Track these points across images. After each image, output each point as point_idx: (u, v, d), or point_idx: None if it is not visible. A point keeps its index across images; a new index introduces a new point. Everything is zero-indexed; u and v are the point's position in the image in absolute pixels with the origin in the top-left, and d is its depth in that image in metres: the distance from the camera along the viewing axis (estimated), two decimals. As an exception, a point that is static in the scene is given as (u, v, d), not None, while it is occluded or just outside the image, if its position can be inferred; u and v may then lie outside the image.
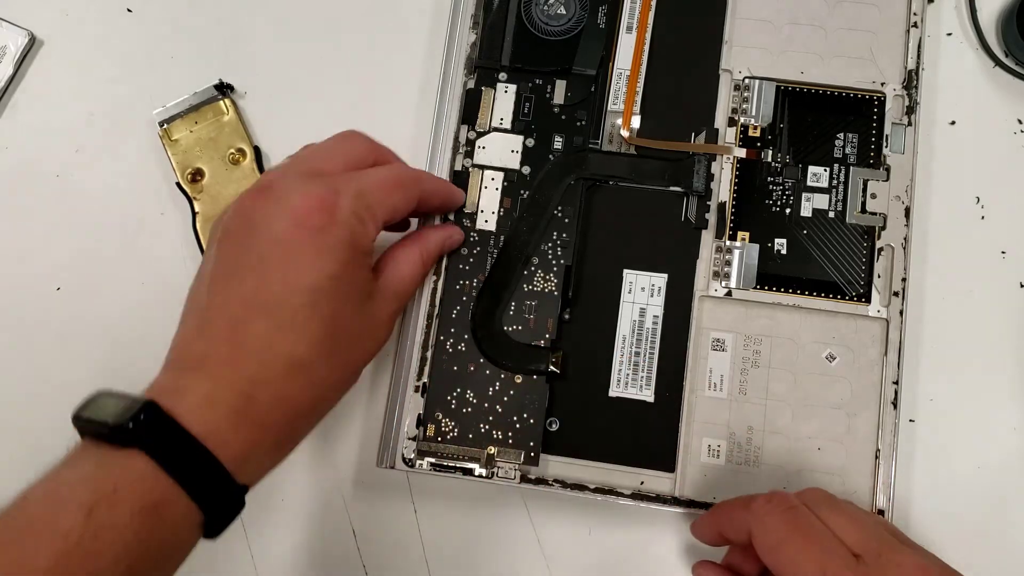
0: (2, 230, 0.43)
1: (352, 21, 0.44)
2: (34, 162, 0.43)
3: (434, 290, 0.39)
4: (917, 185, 0.40)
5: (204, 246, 0.41)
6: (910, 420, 0.39)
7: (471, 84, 0.41)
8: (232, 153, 0.42)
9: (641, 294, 0.39)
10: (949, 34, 0.43)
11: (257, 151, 0.42)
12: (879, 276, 0.39)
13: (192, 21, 0.44)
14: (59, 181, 0.43)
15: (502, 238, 0.40)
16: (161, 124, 0.42)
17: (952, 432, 0.39)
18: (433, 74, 0.42)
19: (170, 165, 0.42)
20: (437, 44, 0.42)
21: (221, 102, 0.43)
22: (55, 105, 0.44)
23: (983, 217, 0.41)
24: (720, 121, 0.41)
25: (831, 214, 0.39)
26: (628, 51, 0.41)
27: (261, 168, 0.42)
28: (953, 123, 0.42)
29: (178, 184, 0.42)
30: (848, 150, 0.40)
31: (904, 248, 0.39)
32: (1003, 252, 0.41)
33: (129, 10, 0.45)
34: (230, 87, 0.43)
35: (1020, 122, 0.42)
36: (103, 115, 0.44)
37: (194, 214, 0.42)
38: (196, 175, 0.42)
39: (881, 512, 0.37)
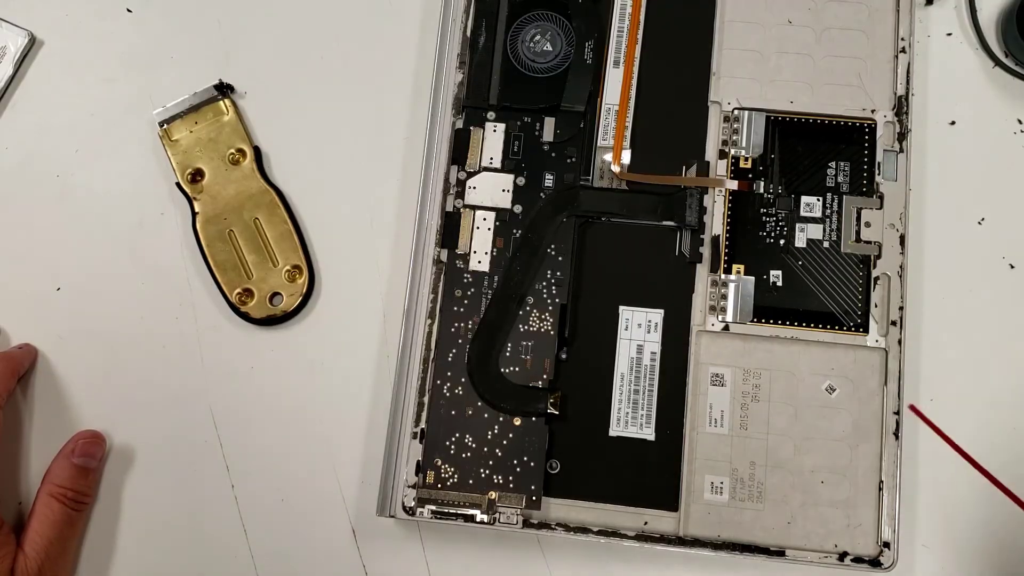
0: (2, 230, 0.43)
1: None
2: (34, 162, 0.43)
3: (429, 333, 0.39)
4: (915, 185, 0.40)
5: (204, 246, 0.41)
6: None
7: (459, 124, 0.41)
8: (232, 153, 0.42)
9: (638, 331, 0.39)
10: (949, 34, 0.43)
11: (257, 151, 0.42)
12: (876, 305, 0.39)
13: (192, 21, 0.44)
14: (59, 181, 0.43)
15: (496, 278, 0.40)
16: (161, 124, 0.42)
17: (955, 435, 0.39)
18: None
19: (170, 165, 0.42)
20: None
21: (221, 102, 0.43)
22: (55, 105, 0.44)
23: (983, 218, 0.41)
24: (711, 153, 0.40)
25: (826, 244, 0.39)
26: (616, 86, 0.41)
27: (261, 168, 0.42)
28: (953, 123, 0.42)
29: (178, 184, 0.42)
30: (840, 179, 0.40)
31: (900, 276, 0.39)
32: (1002, 252, 0.41)
33: (129, 10, 0.45)
34: (230, 87, 0.43)
35: (1020, 122, 0.42)
36: (103, 115, 0.44)
37: (194, 214, 0.42)
38: (196, 175, 0.42)
39: (887, 544, 0.37)
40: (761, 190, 0.40)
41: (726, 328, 0.39)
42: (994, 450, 0.39)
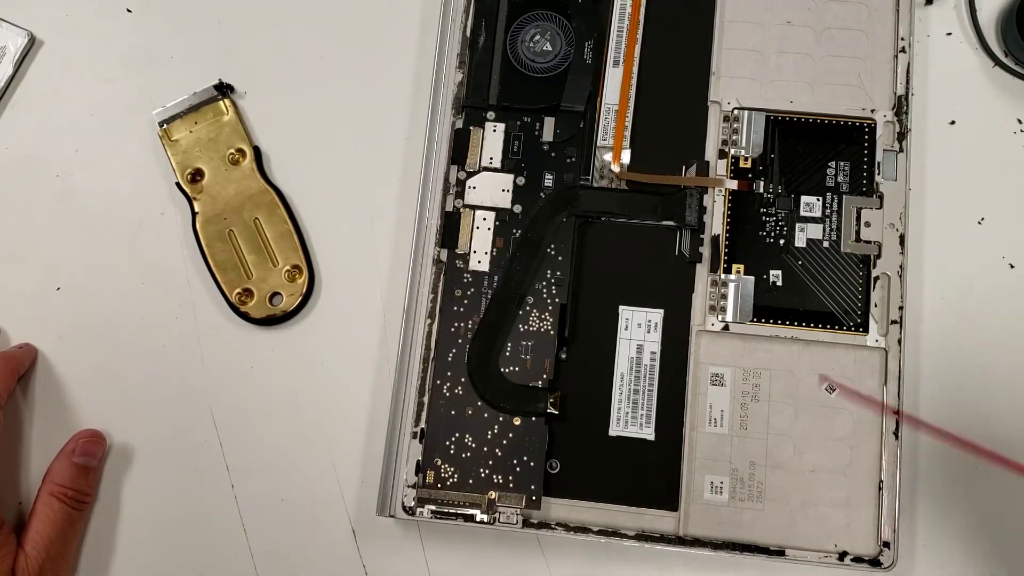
0: (2, 230, 0.43)
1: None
2: (34, 162, 0.43)
3: (429, 333, 0.39)
4: (915, 185, 0.40)
5: (204, 246, 0.41)
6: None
7: (459, 124, 0.41)
8: (232, 153, 0.42)
9: (638, 330, 0.39)
10: (949, 34, 0.43)
11: (257, 151, 0.42)
12: (876, 305, 0.39)
13: (192, 21, 0.44)
14: (59, 181, 0.43)
15: (496, 278, 0.40)
16: (161, 124, 0.42)
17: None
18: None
19: (170, 165, 0.42)
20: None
21: (221, 102, 0.43)
22: (55, 105, 0.44)
23: (983, 218, 0.41)
24: (711, 153, 0.40)
25: (825, 244, 0.39)
26: (616, 86, 0.41)
27: (261, 168, 0.42)
28: (953, 123, 0.42)
29: (178, 184, 0.42)
30: (840, 178, 0.40)
31: (900, 276, 0.39)
32: (1002, 252, 0.41)
33: (129, 10, 0.45)
34: (230, 87, 0.43)
35: (1020, 122, 0.42)
36: (103, 115, 0.44)
37: (194, 214, 0.42)
38: (196, 175, 0.42)
39: (887, 544, 0.37)
40: (761, 190, 0.40)
41: (726, 328, 0.39)
42: (994, 444, 0.39)
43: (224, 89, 0.43)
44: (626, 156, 0.41)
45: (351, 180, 0.42)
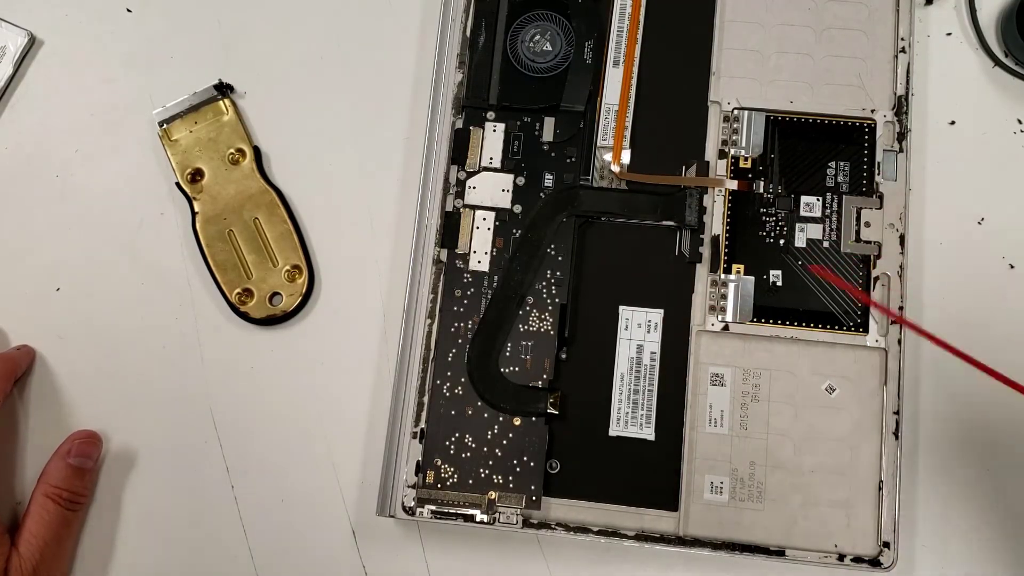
0: (2, 230, 0.43)
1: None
2: (34, 162, 0.43)
3: (429, 333, 0.39)
4: (915, 185, 0.40)
5: (204, 246, 0.41)
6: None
7: (459, 124, 0.41)
8: (232, 153, 0.42)
9: (638, 331, 0.39)
10: (949, 34, 0.43)
11: (257, 151, 0.42)
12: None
13: (192, 21, 0.44)
14: (59, 181, 0.43)
15: (496, 278, 0.40)
16: (161, 124, 0.42)
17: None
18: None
19: (170, 165, 0.42)
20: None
21: (221, 102, 0.43)
22: (55, 105, 0.44)
23: (983, 218, 0.41)
24: (711, 153, 0.40)
25: (825, 244, 0.39)
26: (616, 86, 0.41)
27: (261, 168, 0.42)
28: (953, 123, 0.42)
29: (178, 184, 0.42)
30: (840, 178, 0.40)
31: (900, 276, 0.39)
32: (1002, 252, 0.41)
33: (129, 10, 0.45)
34: (230, 87, 0.43)
35: (1020, 122, 0.42)
36: (103, 115, 0.44)
37: (194, 214, 0.42)
38: (196, 175, 0.42)
39: (887, 544, 0.37)
40: (761, 190, 0.40)
41: (726, 328, 0.39)
42: (994, 445, 0.39)
43: (224, 89, 0.43)
44: (626, 156, 0.41)
45: (351, 180, 0.42)
